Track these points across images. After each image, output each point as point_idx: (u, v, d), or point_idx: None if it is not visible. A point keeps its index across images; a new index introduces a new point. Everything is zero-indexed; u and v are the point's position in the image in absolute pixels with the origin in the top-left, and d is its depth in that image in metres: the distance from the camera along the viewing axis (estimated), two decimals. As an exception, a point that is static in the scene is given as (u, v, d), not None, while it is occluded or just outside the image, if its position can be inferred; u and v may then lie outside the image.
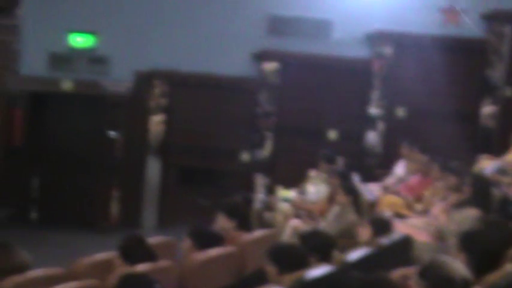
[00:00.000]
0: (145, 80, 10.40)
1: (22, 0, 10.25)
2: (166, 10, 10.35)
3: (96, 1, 10.32)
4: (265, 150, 10.48)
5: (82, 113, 10.78)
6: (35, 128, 10.70)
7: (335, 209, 7.33)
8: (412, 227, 7.00)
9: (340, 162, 8.99)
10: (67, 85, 10.46)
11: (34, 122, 10.68)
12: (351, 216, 7.10)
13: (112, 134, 10.49)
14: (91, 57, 10.42)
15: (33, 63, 10.36)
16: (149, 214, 10.51)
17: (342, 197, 7.27)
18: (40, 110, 10.75)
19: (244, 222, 6.07)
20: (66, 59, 10.40)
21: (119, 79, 10.39)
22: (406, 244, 6.23)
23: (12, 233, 8.36)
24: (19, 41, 10.35)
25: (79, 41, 10.41)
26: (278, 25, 10.39)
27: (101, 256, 5.46)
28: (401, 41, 10.09)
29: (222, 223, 5.97)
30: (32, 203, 10.72)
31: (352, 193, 7.30)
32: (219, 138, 10.43)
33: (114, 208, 10.47)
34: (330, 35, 10.34)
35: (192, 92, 10.44)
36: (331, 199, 7.81)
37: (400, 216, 7.62)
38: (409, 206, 8.00)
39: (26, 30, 10.31)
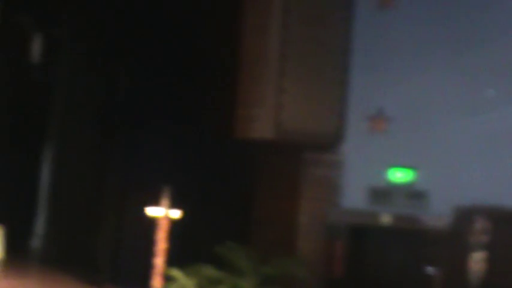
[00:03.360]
0: (465, 215, 10.10)
1: (346, 137, 10.80)
2: (486, 143, 10.10)
3: (415, 137, 10.44)
4: None
5: (400, 247, 10.72)
6: (354, 261, 10.85)
7: None
8: None
9: None
10: (386, 219, 10.57)
11: (353, 254, 10.86)
12: None
13: (430, 270, 10.27)
14: (410, 191, 10.48)
15: (353, 196, 10.69)
16: None
17: None
18: (359, 242, 10.92)
19: None
20: (385, 193, 10.58)
21: (437, 214, 10.24)
22: None
23: None
24: (341, 176, 10.80)
25: (398, 176, 10.55)
26: None
27: None
28: None
29: None
30: None
31: None
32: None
33: None
34: None
35: (516, 229, 9.87)
36: None
37: None
38: None
39: (348, 164, 10.75)
